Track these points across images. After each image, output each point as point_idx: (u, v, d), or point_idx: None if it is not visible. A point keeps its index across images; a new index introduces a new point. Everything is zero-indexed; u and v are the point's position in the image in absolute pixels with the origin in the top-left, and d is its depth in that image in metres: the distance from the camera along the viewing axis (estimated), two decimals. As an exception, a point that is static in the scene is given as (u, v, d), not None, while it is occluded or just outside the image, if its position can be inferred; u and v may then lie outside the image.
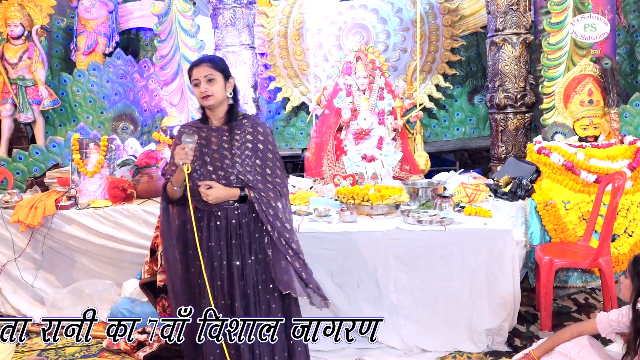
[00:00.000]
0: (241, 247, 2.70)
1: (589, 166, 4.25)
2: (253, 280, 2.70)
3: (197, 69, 2.71)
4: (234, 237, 2.69)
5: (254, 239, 2.71)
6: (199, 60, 2.78)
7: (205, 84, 2.69)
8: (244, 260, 2.69)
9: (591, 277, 4.24)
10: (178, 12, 5.78)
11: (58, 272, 4.50)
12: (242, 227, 2.70)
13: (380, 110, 5.28)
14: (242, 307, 2.68)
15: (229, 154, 2.70)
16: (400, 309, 3.52)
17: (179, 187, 2.68)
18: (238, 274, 2.68)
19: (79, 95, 6.41)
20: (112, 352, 3.71)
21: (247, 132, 2.75)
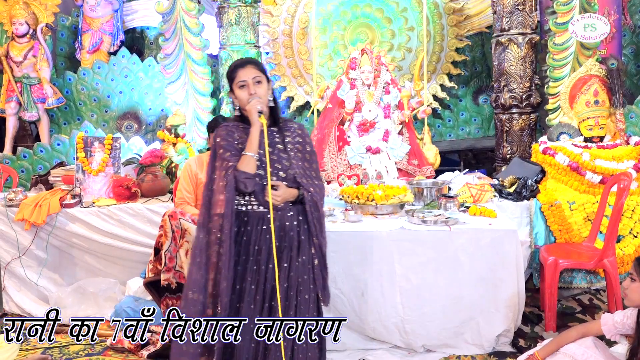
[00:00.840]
0: (290, 250, 2.69)
1: (594, 167, 4.24)
2: (297, 282, 2.69)
3: (243, 71, 2.67)
4: (285, 240, 2.68)
5: (301, 241, 2.71)
6: (243, 61, 2.73)
7: (253, 85, 2.66)
8: (291, 262, 2.69)
9: (596, 278, 4.23)
10: (182, 11, 5.78)
11: (62, 271, 4.51)
12: (293, 229, 2.70)
13: (386, 105, 5.19)
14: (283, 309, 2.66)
15: (284, 154, 2.70)
16: (404, 308, 3.51)
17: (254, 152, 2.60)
18: (283, 276, 2.67)
19: (83, 94, 6.41)
20: (116, 351, 3.71)
21: (297, 134, 2.78)
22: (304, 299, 2.70)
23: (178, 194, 4.05)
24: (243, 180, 2.61)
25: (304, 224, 2.73)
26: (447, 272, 3.47)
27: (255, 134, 2.61)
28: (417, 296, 3.49)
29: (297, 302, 2.69)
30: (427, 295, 3.48)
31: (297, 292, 2.70)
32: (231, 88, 2.74)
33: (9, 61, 6.03)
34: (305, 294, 2.71)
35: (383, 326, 3.54)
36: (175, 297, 3.77)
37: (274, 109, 2.77)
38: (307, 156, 2.77)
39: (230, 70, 2.73)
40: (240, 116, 2.77)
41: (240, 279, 2.67)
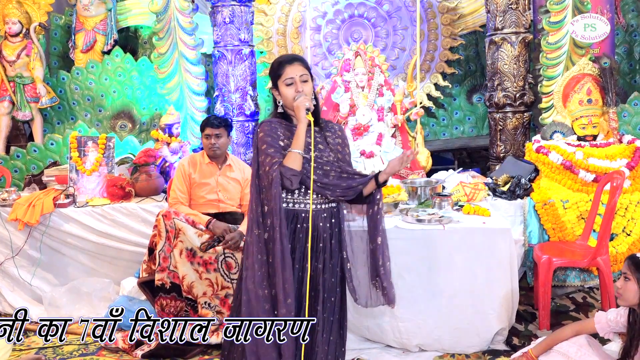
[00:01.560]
0: (324, 251, 2.67)
1: (587, 165, 4.25)
2: (330, 282, 2.70)
3: (291, 67, 2.62)
4: (320, 240, 2.67)
5: (333, 243, 2.71)
6: (291, 57, 2.67)
7: (300, 83, 2.62)
8: (325, 263, 2.68)
9: (589, 276, 4.24)
10: (176, 10, 5.76)
11: (56, 271, 4.49)
12: (326, 231, 2.69)
13: (380, 107, 5.23)
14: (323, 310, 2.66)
15: (328, 152, 2.69)
16: (398, 307, 3.49)
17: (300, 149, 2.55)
18: (321, 277, 2.66)
19: (77, 93, 6.39)
20: (110, 351, 3.71)
21: (338, 135, 2.78)
22: (331, 301, 2.71)
23: (172, 193, 4.04)
24: (289, 177, 2.55)
25: (336, 227, 2.73)
26: (441, 271, 3.47)
27: (303, 130, 2.57)
28: (411, 295, 3.49)
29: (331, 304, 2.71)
30: (421, 294, 3.49)
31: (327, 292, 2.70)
32: (275, 84, 2.68)
33: (1, 60, 5.99)
34: (332, 296, 2.71)
35: (377, 325, 3.55)
36: (170, 297, 3.77)
37: (316, 107, 2.72)
38: (347, 157, 2.78)
39: (276, 66, 2.66)
40: (282, 113, 2.71)
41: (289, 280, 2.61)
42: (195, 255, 3.72)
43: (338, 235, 2.74)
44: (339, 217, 2.77)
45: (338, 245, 2.74)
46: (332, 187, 2.64)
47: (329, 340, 2.69)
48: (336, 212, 2.75)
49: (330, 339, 2.70)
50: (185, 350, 3.57)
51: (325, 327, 2.68)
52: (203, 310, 3.70)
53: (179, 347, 3.57)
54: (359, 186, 2.68)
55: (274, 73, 2.67)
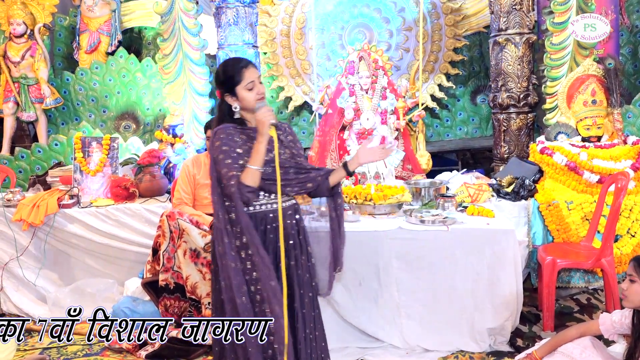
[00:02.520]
0: (294, 247, 2.69)
1: (592, 166, 4.24)
2: (305, 278, 2.71)
3: (248, 71, 2.59)
4: (289, 238, 2.67)
5: (302, 236, 2.73)
6: (246, 62, 2.64)
7: (259, 85, 2.62)
8: (297, 259, 2.69)
9: (594, 277, 4.23)
10: (181, 11, 5.78)
11: (60, 271, 4.50)
12: (293, 227, 2.70)
13: (383, 110, 5.28)
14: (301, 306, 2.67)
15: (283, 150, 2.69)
16: (403, 308, 3.51)
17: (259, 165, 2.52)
18: (296, 274, 2.67)
19: (81, 94, 6.41)
20: (114, 351, 3.71)
21: (288, 132, 2.77)
22: (308, 296, 2.72)
23: (176, 194, 4.05)
24: (246, 194, 2.53)
25: (301, 222, 2.75)
26: (445, 272, 3.46)
27: (263, 146, 2.53)
28: (415, 296, 3.49)
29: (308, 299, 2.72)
30: (425, 295, 3.48)
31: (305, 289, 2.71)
32: (232, 90, 2.61)
33: (6, 61, 6.03)
34: (309, 291, 2.72)
35: (381, 326, 3.54)
36: (173, 297, 3.78)
37: None
38: (301, 152, 2.79)
39: (233, 72, 2.60)
40: (239, 119, 2.66)
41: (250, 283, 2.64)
42: (199, 255, 3.72)
43: (303, 231, 2.76)
44: (300, 212, 2.78)
45: (305, 240, 2.76)
46: (294, 182, 2.66)
47: (311, 337, 2.70)
48: (298, 208, 2.77)
49: (311, 336, 2.71)
50: (189, 351, 3.58)
51: (307, 323, 2.69)
52: (207, 311, 3.70)
53: (183, 347, 3.57)
54: (318, 177, 2.70)
55: (232, 79, 2.60)
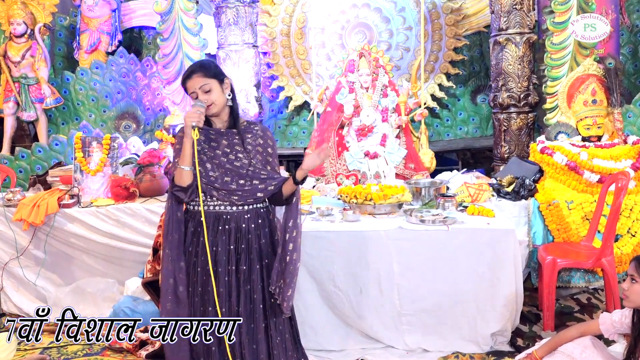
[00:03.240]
0: (249, 252, 2.68)
1: (592, 166, 4.24)
2: (260, 285, 2.69)
3: (190, 82, 2.63)
4: (242, 242, 2.67)
5: (262, 244, 2.71)
6: (190, 71, 2.66)
7: (203, 94, 2.63)
8: (251, 265, 2.68)
9: (594, 277, 4.23)
10: (181, 11, 5.78)
11: (60, 271, 4.50)
12: (251, 232, 2.69)
13: (384, 108, 5.24)
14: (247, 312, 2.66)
15: (243, 156, 2.68)
16: (403, 308, 3.51)
17: (187, 165, 2.59)
18: (244, 278, 2.67)
19: (81, 94, 6.42)
20: (115, 351, 3.71)
21: (259, 135, 2.75)
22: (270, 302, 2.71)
23: (176, 193, 4.04)
24: (175, 192, 2.63)
25: (264, 228, 2.73)
26: (445, 272, 3.46)
27: (188, 146, 2.57)
28: (415, 295, 3.49)
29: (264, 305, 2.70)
30: (426, 294, 3.48)
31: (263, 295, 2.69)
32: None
33: (6, 61, 6.04)
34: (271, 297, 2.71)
35: (381, 325, 3.54)
36: (174, 297, 3.77)
37: (233, 108, 2.75)
38: (268, 158, 2.76)
39: (182, 82, 2.71)
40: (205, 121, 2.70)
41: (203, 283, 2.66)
42: (200, 255, 3.71)
43: (269, 236, 2.74)
44: (267, 217, 2.76)
45: (270, 245, 2.74)
46: (237, 192, 2.65)
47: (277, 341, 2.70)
48: (264, 213, 2.75)
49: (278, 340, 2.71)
50: (189, 351, 3.57)
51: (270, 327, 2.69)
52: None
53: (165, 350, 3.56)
54: (268, 188, 2.68)
55: (183, 89, 2.71)
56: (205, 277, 2.63)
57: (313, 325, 3.54)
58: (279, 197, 2.71)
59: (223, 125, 2.75)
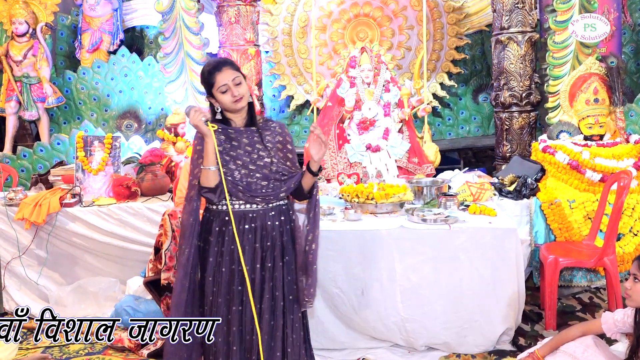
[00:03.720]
0: (273, 250, 2.67)
1: (594, 165, 4.23)
2: (281, 282, 2.69)
3: (221, 75, 2.60)
4: (268, 240, 2.67)
5: (284, 241, 2.71)
6: (219, 63, 2.65)
7: (234, 87, 2.61)
8: (275, 262, 2.67)
9: (596, 276, 4.23)
10: (182, 10, 5.78)
11: (62, 270, 4.50)
12: (275, 229, 2.68)
13: (386, 103, 5.17)
14: (269, 309, 2.65)
15: (265, 154, 2.67)
16: (405, 307, 3.50)
17: (212, 164, 2.57)
18: (269, 275, 2.66)
19: (83, 93, 6.42)
20: (116, 350, 3.71)
21: (277, 132, 2.74)
22: (289, 299, 2.70)
23: (178, 193, 4.04)
24: (205, 195, 2.63)
25: (286, 224, 2.73)
26: (447, 271, 3.46)
27: (210, 145, 2.57)
28: (417, 295, 3.48)
29: (284, 303, 2.69)
30: (427, 294, 3.48)
31: (283, 293, 2.69)
32: (210, 93, 2.68)
33: (8, 60, 6.04)
34: (290, 294, 2.70)
35: (383, 325, 3.53)
36: (175, 296, 3.77)
37: (250, 105, 2.73)
38: (289, 155, 2.75)
39: (206, 75, 2.65)
40: (222, 119, 2.71)
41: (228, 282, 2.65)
42: (201, 254, 3.71)
43: (290, 233, 2.74)
44: (289, 214, 2.76)
45: (291, 242, 2.73)
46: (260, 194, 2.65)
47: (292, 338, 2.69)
48: (285, 210, 2.75)
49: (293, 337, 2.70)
50: (191, 350, 3.57)
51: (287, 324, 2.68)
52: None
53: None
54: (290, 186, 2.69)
55: (207, 83, 2.66)
56: (230, 276, 2.63)
57: (315, 324, 3.52)
58: (301, 191, 2.72)
59: (242, 123, 2.73)
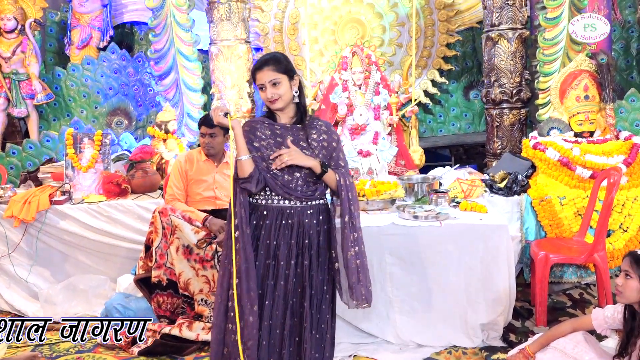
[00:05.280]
0: (310, 248, 2.67)
1: (584, 162, 4.25)
2: (318, 280, 2.68)
3: (260, 73, 2.64)
4: (305, 237, 2.66)
5: (321, 240, 2.70)
6: (262, 63, 2.65)
7: (271, 88, 2.63)
8: (312, 260, 2.67)
9: (586, 272, 4.24)
10: (173, 6, 5.75)
11: (52, 267, 4.48)
12: (312, 227, 2.68)
13: (376, 106, 5.28)
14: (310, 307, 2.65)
15: (308, 152, 2.67)
16: (396, 303, 3.51)
17: (244, 154, 2.57)
18: (300, 272, 2.66)
19: (73, 90, 6.38)
20: (107, 348, 3.69)
21: (323, 131, 2.75)
22: (318, 298, 2.70)
23: (168, 190, 4.03)
24: (242, 186, 2.62)
25: (324, 224, 2.72)
26: (438, 268, 3.47)
27: (239, 136, 2.59)
28: (408, 292, 3.49)
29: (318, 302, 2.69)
30: (418, 290, 3.49)
31: (319, 290, 2.69)
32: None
33: (-3, 57, 6.00)
34: (320, 294, 2.70)
35: (374, 321, 3.55)
36: (166, 294, 3.77)
37: (299, 105, 2.74)
38: (333, 153, 2.74)
39: (252, 70, 2.70)
40: (267, 111, 2.76)
41: (262, 277, 2.64)
42: (192, 252, 3.71)
43: (327, 233, 2.73)
44: (328, 214, 2.76)
45: (327, 242, 2.73)
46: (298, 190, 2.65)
47: (316, 338, 2.69)
48: (324, 209, 2.75)
49: (317, 337, 2.69)
50: (182, 348, 3.56)
51: (314, 325, 2.68)
52: (199, 307, 3.69)
53: (176, 344, 3.56)
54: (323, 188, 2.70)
55: (252, 76, 2.73)
56: (265, 271, 2.63)
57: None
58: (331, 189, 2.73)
59: (289, 120, 2.74)
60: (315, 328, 2.69)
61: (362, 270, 2.70)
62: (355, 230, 2.69)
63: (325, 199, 2.78)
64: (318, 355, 2.69)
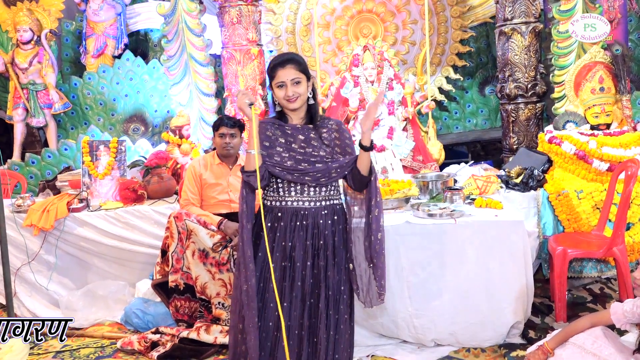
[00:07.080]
0: (326, 249, 2.66)
1: (601, 154, 4.19)
2: (335, 280, 2.68)
3: (283, 71, 2.60)
4: (320, 238, 2.66)
5: (336, 241, 2.69)
6: (285, 60, 2.62)
7: (292, 86, 2.61)
8: (328, 261, 2.67)
9: (606, 266, 4.19)
10: (184, 12, 5.79)
11: (71, 275, 4.52)
12: (328, 228, 2.67)
13: (390, 101, 5.21)
14: (327, 307, 2.65)
15: (321, 150, 2.67)
16: (413, 303, 3.49)
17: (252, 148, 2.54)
18: (316, 273, 2.66)
19: (89, 98, 6.45)
20: (126, 353, 3.72)
21: (334, 129, 2.74)
22: (335, 299, 2.69)
23: (183, 195, 4.05)
24: (246, 179, 2.60)
25: (339, 224, 2.71)
26: (454, 266, 3.44)
27: (254, 128, 2.56)
28: (425, 290, 3.47)
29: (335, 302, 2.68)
30: (435, 289, 3.46)
31: (335, 290, 2.68)
32: (270, 84, 2.70)
33: (14, 68, 6.08)
34: (337, 294, 2.69)
35: (392, 321, 3.52)
36: (184, 298, 3.79)
37: (312, 107, 2.73)
38: (347, 149, 2.74)
39: (270, 67, 2.65)
40: (279, 112, 2.74)
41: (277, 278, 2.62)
42: (208, 256, 3.73)
43: (342, 233, 2.72)
44: (343, 214, 2.75)
45: (342, 243, 2.71)
46: (310, 172, 2.61)
47: (335, 339, 2.68)
48: (339, 210, 2.74)
49: (336, 337, 2.68)
50: (200, 351, 3.58)
51: (331, 326, 2.66)
52: (217, 311, 3.71)
53: (194, 347, 3.58)
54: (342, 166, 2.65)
55: (269, 74, 2.68)
56: (281, 272, 2.63)
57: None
58: (357, 175, 2.67)
59: (300, 121, 2.73)
60: (334, 329, 2.68)
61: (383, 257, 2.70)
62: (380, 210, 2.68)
63: (340, 200, 2.77)
64: (337, 356, 2.68)
